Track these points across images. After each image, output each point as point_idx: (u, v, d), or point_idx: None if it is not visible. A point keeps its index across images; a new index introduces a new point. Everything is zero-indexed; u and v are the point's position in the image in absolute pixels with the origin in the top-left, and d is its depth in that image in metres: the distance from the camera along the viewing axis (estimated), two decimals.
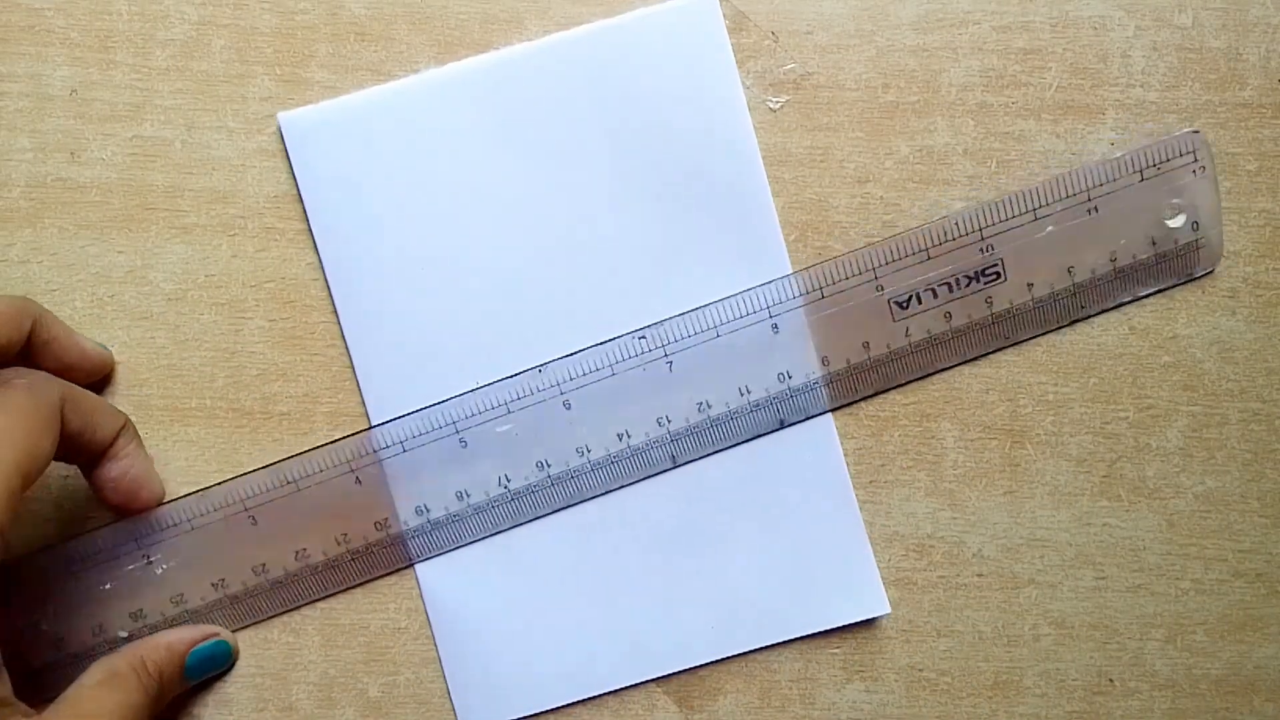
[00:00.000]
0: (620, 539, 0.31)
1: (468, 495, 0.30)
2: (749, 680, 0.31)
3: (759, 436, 0.31)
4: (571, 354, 0.30)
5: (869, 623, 0.31)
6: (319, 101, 0.30)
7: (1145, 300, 0.31)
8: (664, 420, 0.30)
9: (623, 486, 0.30)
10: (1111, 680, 0.31)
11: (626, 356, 0.30)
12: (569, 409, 0.30)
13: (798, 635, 0.31)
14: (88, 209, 0.30)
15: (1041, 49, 0.31)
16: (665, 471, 0.31)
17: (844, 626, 0.31)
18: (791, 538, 0.31)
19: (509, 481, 0.30)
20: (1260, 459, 0.31)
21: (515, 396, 0.30)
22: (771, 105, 0.31)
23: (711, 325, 0.30)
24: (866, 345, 0.30)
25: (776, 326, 0.30)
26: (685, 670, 0.31)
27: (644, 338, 0.30)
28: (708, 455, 0.31)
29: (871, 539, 0.31)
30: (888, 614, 0.31)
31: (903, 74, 0.31)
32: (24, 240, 0.30)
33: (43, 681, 0.29)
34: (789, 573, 0.31)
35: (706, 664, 0.31)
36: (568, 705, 0.31)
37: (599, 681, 0.31)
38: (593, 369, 0.30)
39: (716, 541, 0.31)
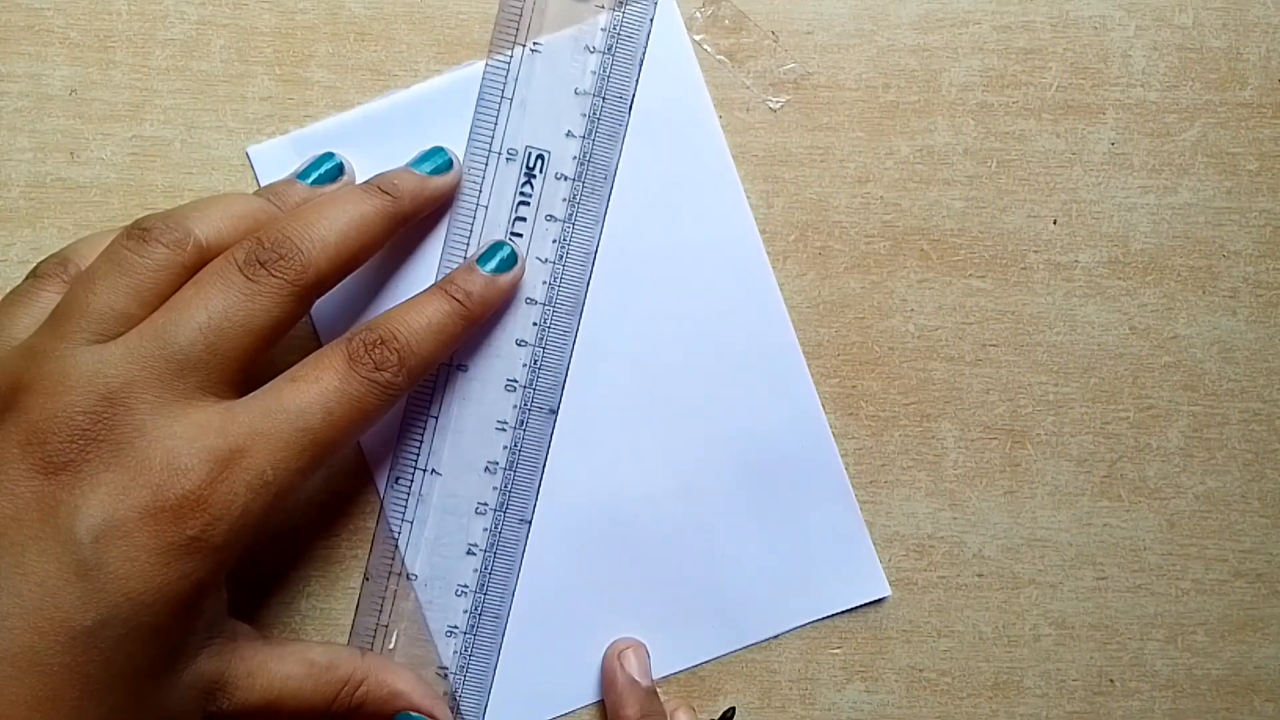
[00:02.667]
0: (616, 542, 0.31)
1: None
2: (749, 680, 0.31)
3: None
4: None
5: (869, 622, 0.31)
6: (319, 103, 0.30)
7: (1145, 300, 0.31)
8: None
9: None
10: (1112, 680, 0.31)
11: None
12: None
13: (801, 624, 0.31)
14: (87, 209, 0.30)
15: (1042, 49, 0.31)
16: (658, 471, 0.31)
17: (845, 627, 0.31)
18: (788, 527, 0.31)
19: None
20: (1261, 459, 0.31)
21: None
22: (772, 105, 0.31)
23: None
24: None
25: None
26: (687, 669, 0.31)
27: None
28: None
29: (872, 539, 0.31)
30: (889, 598, 0.31)
31: (903, 74, 0.31)
32: (24, 240, 0.30)
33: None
34: (788, 563, 0.31)
35: (707, 662, 0.31)
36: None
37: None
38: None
39: (714, 538, 0.31)
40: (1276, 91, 0.31)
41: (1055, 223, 0.31)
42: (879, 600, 0.31)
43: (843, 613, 0.31)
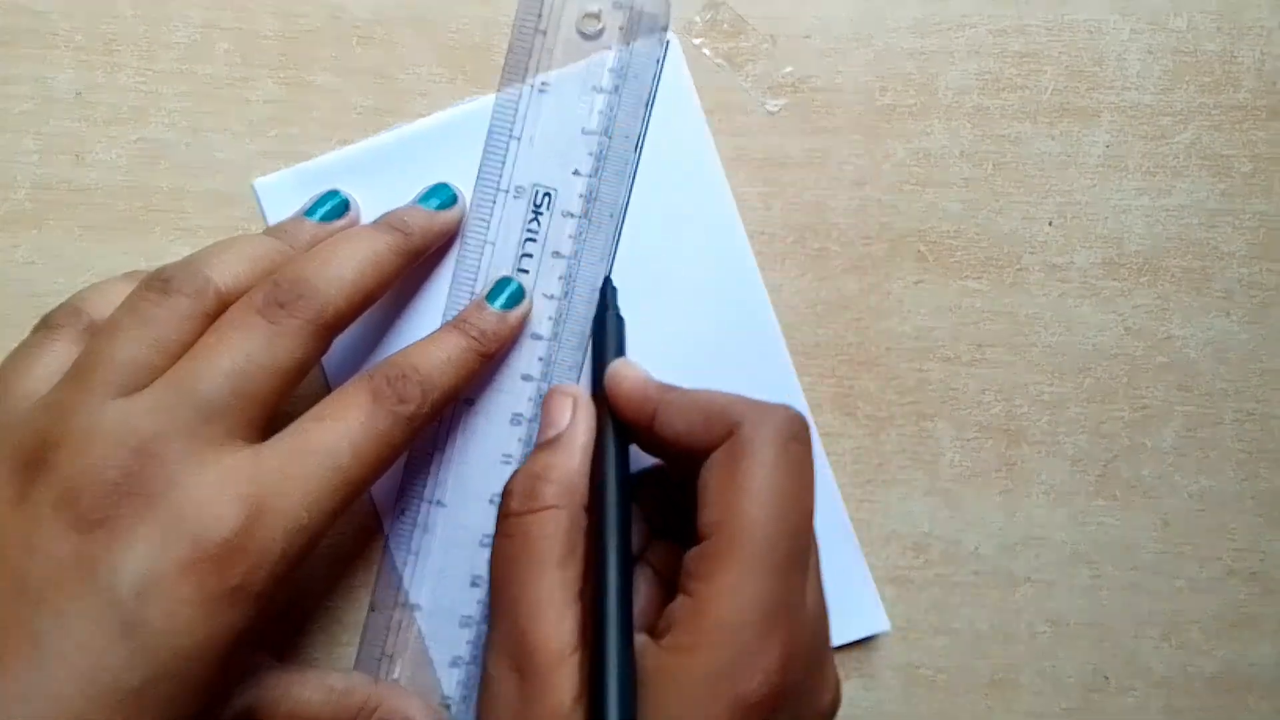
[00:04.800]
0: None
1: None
2: None
3: None
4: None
5: None
6: (323, 106, 0.30)
7: (1140, 301, 0.31)
8: None
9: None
10: (1107, 678, 0.32)
11: None
12: None
13: None
14: (92, 211, 0.30)
15: (1037, 52, 0.31)
16: None
17: None
18: None
19: None
20: (1254, 458, 0.32)
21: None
22: (770, 108, 0.31)
23: None
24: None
25: None
26: None
27: None
28: None
29: (869, 538, 0.31)
30: (888, 630, 0.31)
31: (900, 77, 0.31)
32: (28, 242, 0.30)
33: None
34: None
35: None
36: None
37: None
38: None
39: None
40: (1270, 94, 0.31)
41: (1051, 224, 0.31)
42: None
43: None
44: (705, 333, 0.31)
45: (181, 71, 0.30)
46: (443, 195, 0.29)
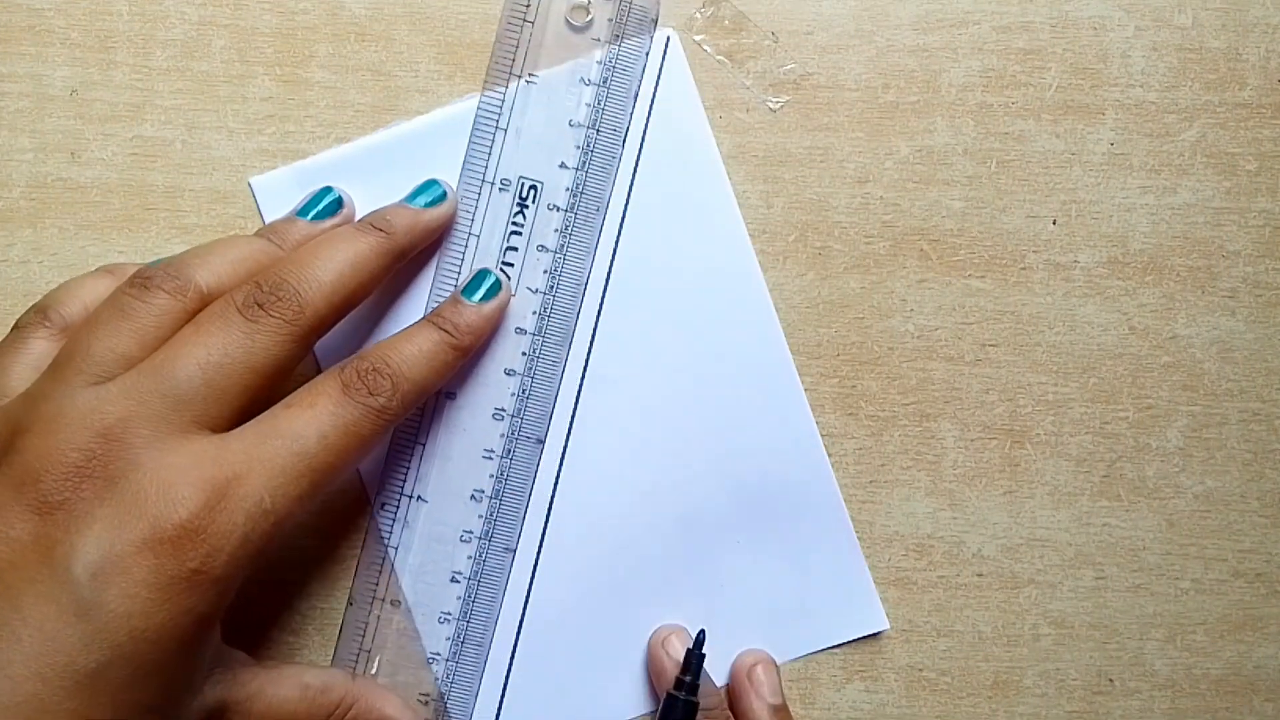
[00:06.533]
0: (616, 573, 0.31)
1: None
2: None
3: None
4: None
5: None
6: (320, 104, 0.30)
7: (1145, 300, 0.31)
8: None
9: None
10: (1111, 680, 0.31)
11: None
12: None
13: (799, 655, 0.31)
14: (88, 209, 0.30)
15: (1041, 49, 0.31)
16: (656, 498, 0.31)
17: None
18: (787, 560, 0.31)
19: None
20: (1260, 459, 0.31)
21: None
22: (771, 105, 0.31)
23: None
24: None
25: None
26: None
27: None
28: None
29: (871, 539, 0.31)
30: (887, 629, 0.31)
31: (903, 74, 0.31)
32: (24, 240, 0.30)
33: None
34: (787, 596, 0.31)
35: None
36: None
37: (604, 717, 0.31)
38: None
39: (714, 570, 0.31)
40: (1275, 92, 0.31)
41: (1055, 223, 0.31)
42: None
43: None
44: (705, 332, 0.30)
45: (178, 69, 0.30)
46: (432, 193, 0.29)
